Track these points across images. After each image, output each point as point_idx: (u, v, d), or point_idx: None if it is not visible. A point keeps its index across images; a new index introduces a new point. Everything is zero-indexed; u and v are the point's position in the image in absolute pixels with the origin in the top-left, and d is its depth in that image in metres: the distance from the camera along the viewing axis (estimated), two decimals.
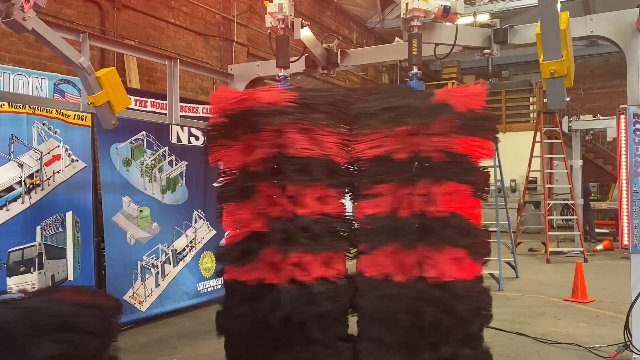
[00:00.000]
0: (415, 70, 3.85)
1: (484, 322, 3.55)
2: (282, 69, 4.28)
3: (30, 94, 5.02)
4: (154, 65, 8.42)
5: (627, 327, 4.20)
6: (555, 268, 9.45)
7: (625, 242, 4.11)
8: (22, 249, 4.90)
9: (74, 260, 5.36)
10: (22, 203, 4.92)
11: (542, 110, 12.06)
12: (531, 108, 18.14)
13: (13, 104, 4.87)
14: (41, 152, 5.07)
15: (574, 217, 11.04)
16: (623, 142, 4.10)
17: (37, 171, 5.03)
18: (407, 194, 3.48)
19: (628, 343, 4.15)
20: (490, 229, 7.90)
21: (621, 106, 4.15)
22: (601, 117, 12.21)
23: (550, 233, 10.68)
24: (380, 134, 3.51)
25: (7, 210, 4.82)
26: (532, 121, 16.46)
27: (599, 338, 4.96)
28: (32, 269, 4.95)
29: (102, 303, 3.15)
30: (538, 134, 11.08)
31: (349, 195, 3.73)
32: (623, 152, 4.10)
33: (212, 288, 6.67)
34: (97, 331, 2.84)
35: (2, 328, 2.59)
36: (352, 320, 3.66)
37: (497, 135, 3.61)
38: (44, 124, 5.11)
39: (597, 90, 20.15)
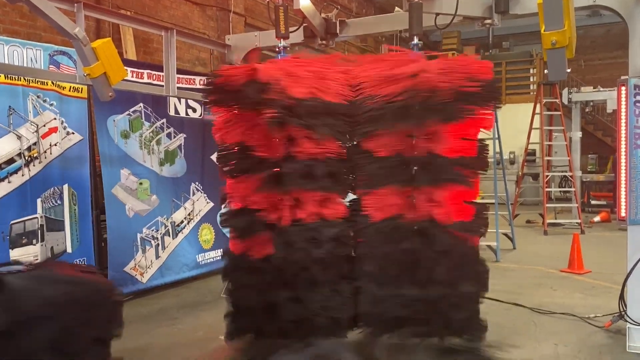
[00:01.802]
0: (415, 40, 3.81)
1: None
2: (281, 40, 4.22)
3: (25, 65, 4.96)
4: (150, 36, 8.31)
5: (622, 298, 4.25)
6: (552, 240, 9.51)
7: (623, 214, 4.12)
8: (24, 221, 4.92)
9: (72, 233, 5.38)
10: (22, 175, 4.91)
11: (542, 81, 11.96)
12: (531, 79, 18.01)
13: (8, 76, 4.82)
14: (37, 125, 5.03)
15: (572, 189, 11.06)
16: (623, 113, 4.08)
17: (35, 144, 5.01)
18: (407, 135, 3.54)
19: (623, 313, 4.20)
20: (489, 201, 7.97)
21: (622, 77, 4.11)
22: (602, 89, 12.13)
23: (548, 205, 10.71)
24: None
25: (8, 182, 4.81)
26: (532, 93, 16.35)
27: (594, 308, 5.02)
28: (34, 241, 4.98)
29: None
30: (538, 105, 11.02)
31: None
32: (623, 124, 4.09)
33: (211, 259, 6.71)
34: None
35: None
36: None
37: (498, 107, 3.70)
38: (38, 96, 5.07)
39: (598, 61, 19.96)
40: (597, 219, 11.57)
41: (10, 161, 4.83)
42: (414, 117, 3.50)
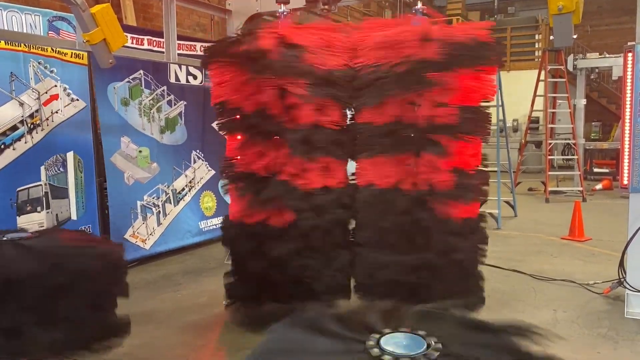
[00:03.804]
0: (419, 5, 3.75)
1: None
2: (282, 5, 4.15)
3: (24, 31, 4.90)
4: (150, 2, 8.18)
5: (621, 265, 4.28)
6: (553, 207, 9.54)
7: (625, 182, 4.12)
8: (28, 188, 4.94)
9: (77, 200, 5.40)
10: (25, 143, 4.91)
11: (547, 47, 11.80)
12: (536, 46, 17.77)
13: (9, 42, 4.76)
14: (39, 92, 5.00)
15: (575, 157, 11.04)
16: (629, 80, 4.04)
17: (37, 111, 4.99)
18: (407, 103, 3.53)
19: (622, 280, 4.24)
20: (491, 168, 7.96)
21: (629, 43, 4.06)
22: (607, 55, 11.97)
23: (550, 173, 10.70)
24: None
25: (13, 149, 4.82)
26: (537, 59, 16.16)
27: (593, 275, 5.07)
28: (38, 209, 5.01)
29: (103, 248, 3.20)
30: (542, 72, 10.90)
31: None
32: (628, 91, 4.05)
33: (214, 227, 6.76)
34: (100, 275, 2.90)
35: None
36: None
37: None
38: (39, 63, 5.02)
39: (604, 27, 19.65)
40: (599, 186, 11.56)
41: (14, 128, 4.83)
42: (416, 82, 3.47)
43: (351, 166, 3.84)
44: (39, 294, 2.57)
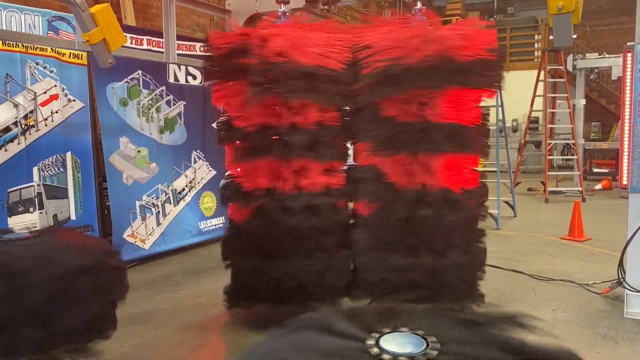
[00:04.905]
0: (419, 5, 3.75)
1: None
2: (282, 4, 4.16)
3: (23, 31, 4.90)
4: (150, 1, 8.18)
5: (621, 265, 4.28)
6: (553, 207, 9.54)
7: (625, 182, 4.12)
8: (20, 189, 4.93)
9: (76, 200, 5.40)
10: (18, 144, 4.90)
11: (547, 48, 11.80)
12: (536, 46, 17.78)
13: (6, 42, 4.76)
14: (35, 93, 5.00)
15: (574, 157, 11.04)
16: (628, 80, 4.04)
17: (31, 112, 4.98)
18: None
19: (621, 280, 4.24)
20: (490, 169, 7.96)
21: (628, 44, 4.06)
22: (607, 55, 11.98)
23: (549, 173, 10.71)
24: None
25: (5, 150, 4.81)
26: (536, 59, 16.17)
27: (593, 275, 5.06)
28: (30, 209, 5.00)
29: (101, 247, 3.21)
30: (542, 72, 10.90)
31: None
32: (627, 91, 4.05)
33: (214, 227, 6.76)
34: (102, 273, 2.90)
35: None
36: None
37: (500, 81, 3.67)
38: (37, 63, 5.02)
39: (604, 27, 19.65)
40: (598, 187, 11.56)
41: (6, 130, 4.82)
42: (430, 80, 3.42)
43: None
44: (34, 293, 2.57)
